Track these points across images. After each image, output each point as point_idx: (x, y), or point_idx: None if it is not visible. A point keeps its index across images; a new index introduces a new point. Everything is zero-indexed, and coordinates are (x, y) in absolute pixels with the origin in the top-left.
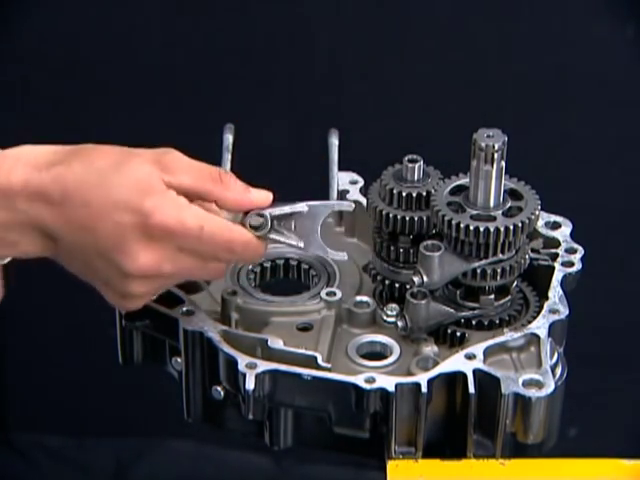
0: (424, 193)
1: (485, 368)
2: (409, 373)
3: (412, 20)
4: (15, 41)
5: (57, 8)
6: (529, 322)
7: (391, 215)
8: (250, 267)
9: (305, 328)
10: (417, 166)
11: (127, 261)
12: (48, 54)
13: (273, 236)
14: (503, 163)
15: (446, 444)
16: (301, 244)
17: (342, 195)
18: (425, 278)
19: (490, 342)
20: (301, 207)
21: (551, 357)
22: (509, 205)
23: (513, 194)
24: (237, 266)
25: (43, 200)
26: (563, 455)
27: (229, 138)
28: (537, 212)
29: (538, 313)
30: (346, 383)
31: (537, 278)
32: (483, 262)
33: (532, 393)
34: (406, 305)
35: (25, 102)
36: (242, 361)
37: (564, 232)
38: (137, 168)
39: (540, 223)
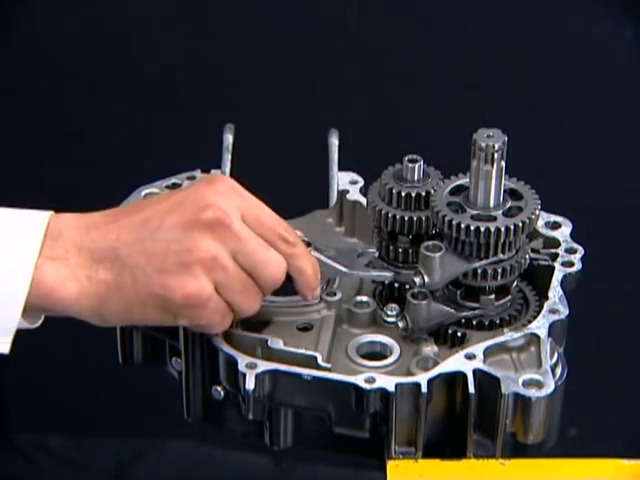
0: (424, 193)
1: (485, 368)
2: (409, 373)
3: (412, 20)
4: (15, 41)
5: (57, 8)
6: (529, 322)
7: (391, 215)
8: None
9: (305, 328)
10: (417, 166)
11: (197, 206)
12: (48, 54)
13: (316, 253)
14: (503, 163)
15: (446, 444)
16: (344, 268)
17: (342, 195)
18: (426, 279)
19: (490, 342)
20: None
21: (551, 357)
22: (509, 205)
23: (513, 194)
24: None
25: (93, 226)
26: (563, 455)
27: (229, 138)
28: (537, 212)
29: (538, 313)
30: (346, 383)
31: (537, 278)
32: (483, 262)
33: (532, 393)
34: (407, 305)
35: (25, 102)
36: (242, 361)
37: (564, 232)
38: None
39: (540, 223)
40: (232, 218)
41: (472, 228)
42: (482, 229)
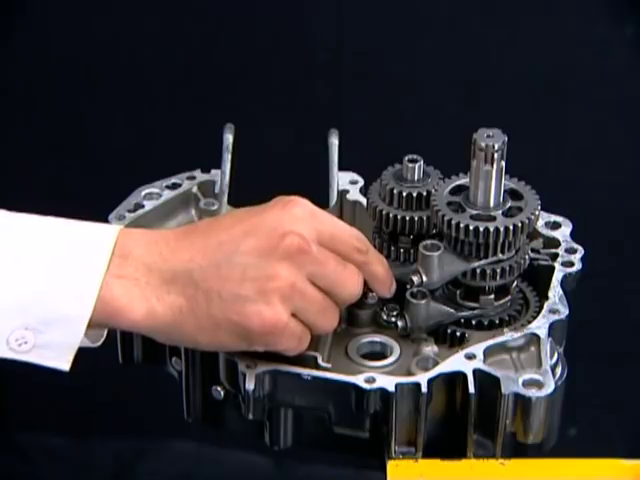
0: (424, 193)
1: (485, 368)
2: (409, 373)
3: (412, 20)
4: (15, 41)
5: (58, 9)
6: (529, 322)
7: (391, 215)
8: None
9: None
10: (417, 166)
11: (275, 234)
12: (48, 54)
13: None
14: (503, 163)
15: (446, 444)
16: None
17: (342, 195)
18: (424, 278)
19: (490, 342)
20: None
21: (551, 357)
22: (509, 205)
23: (513, 194)
24: None
25: (164, 245)
26: (563, 455)
27: (229, 138)
28: (537, 212)
29: (538, 313)
30: (346, 383)
31: (537, 278)
32: (483, 262)
33: (532, 393)
34: (406, 305)
35: (24, 102)
36: (242, 361)
37: (564, 232)
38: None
39: (540, 223)
40: (310, 243)
41: (471, 228)
42: (481, 229)
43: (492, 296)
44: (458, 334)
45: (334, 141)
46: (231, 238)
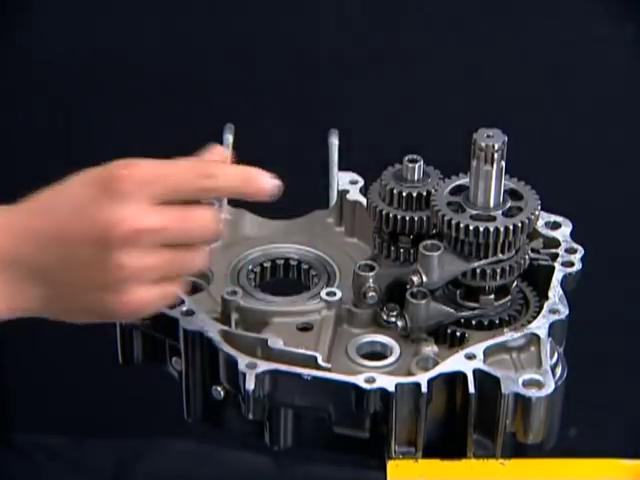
0: (424, 193)
1: (485, 368)
2: (409, 373)
3: (412, 20)
4: (15, 41)
5: (58, 9)
6: (529, 322)
7: (391, 215)
8: (250, 267)
9: (305, 328)
10: (417, 166)
11: (105, 226)
12: (48, 55)
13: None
14: (503, 163)
15: (446, 444)
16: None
17: (342, 195)
18: (424, 278)
19: (490, 342)
20: None
21: (551, 357)
22: (509, 205)
23: (513, 194)
24: (237, 266)
25: (17, 229)
26: (563, 455)
27: (229, 138)
28: (537, 212)
29: (538, 313)
30: (346, 383)
31: (537, 278)
32: (483, 262)
33: (532, 393)
34: (406, 305)
35: (24, 102)
36: (242, 361)
37: (564, 232)
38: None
39: (540, 223)
40: (142, 220)
41: (472, 228)
42: (481, 229)
43: (492, 296)
44: (458, 334)
45: (334, 141)
46: (69, 229)
